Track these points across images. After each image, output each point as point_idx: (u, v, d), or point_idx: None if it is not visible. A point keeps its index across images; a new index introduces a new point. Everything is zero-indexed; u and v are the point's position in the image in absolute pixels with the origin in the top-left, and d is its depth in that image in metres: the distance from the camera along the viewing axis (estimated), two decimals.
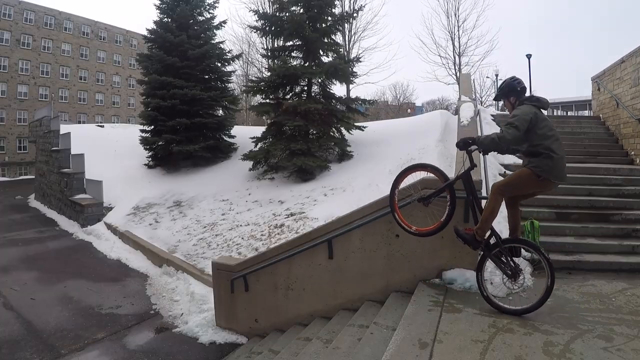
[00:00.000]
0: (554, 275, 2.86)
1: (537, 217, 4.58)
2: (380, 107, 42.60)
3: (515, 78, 3.28)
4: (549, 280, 2.85)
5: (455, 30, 21.33)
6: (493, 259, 3.11)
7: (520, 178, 3.08)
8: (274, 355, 3.85)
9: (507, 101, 3.29)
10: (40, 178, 16.78)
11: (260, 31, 12.39)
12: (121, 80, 42.07)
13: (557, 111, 31.66)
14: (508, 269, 3.05)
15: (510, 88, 3.23)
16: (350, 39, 20.41)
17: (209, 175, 12.36)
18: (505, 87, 3.27)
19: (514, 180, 3.12)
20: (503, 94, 3.30)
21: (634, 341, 2.48)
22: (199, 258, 7.56)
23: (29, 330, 5.29)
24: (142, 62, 14.42)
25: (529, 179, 3.00)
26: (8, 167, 32.58)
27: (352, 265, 4.00)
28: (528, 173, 2.99)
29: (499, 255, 3.09)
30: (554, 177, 2.96)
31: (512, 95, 3.22)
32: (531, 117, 2.92)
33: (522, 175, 3.06)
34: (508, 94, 3.26)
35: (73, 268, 7.95)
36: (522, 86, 3.22)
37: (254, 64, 24.00)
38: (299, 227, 7.31)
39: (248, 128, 18.14)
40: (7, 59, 32.75)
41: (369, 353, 2.76)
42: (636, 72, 6.92)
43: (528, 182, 3.02)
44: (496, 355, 2.33)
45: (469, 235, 3.16)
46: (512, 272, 3.05)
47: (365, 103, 12.07)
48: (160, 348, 4.88)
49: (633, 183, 5.50)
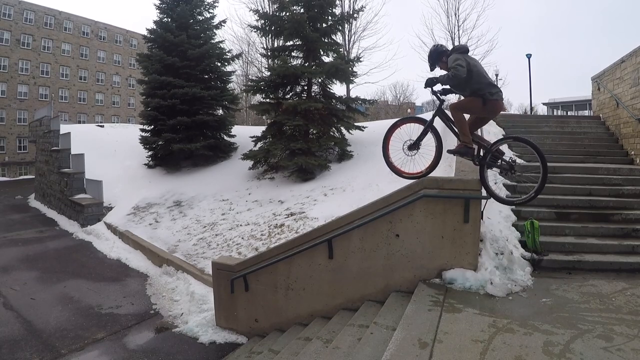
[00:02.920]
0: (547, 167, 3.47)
1: (537, 217, 4.60)
2: (380, 107, 42.60)
3: (435, 44, 3.99)
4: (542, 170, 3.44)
5: (455, 30, 21.36)
6: (489, 164, 3.75)
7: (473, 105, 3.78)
8: (274, 355, 3.84)
9: (442, 63, 3.84)
10: (40, 178, 16.78)
11: (260, 31, 12.39)
12: (121, 80, 42.07)
13: (557, 111, 31.66)
14: (503, 165, 3.75)
15: (437, 52, 3.85)
16: (350, 38, 20.42)
17: (209, 175, 12.36)
18: (433, 54, 3.87)
19: (464, 102, 3.84)
20: (435, 60, 3.87)
21: (634, 341, 2.48)
22: (199, 258, 7.56)
23: (29, 330, 5.28)
24: (142, 62, 14.41)
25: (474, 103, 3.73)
26: (8, 167, 32.59)
27: (352, 265, 4.00)
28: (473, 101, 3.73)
29: (492, 160, 3.74)
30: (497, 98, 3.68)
31: (442, 56, 3.82)
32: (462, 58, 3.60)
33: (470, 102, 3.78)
34: (439, 57, 3.84)
35: (73, 268, 7.95)
36: (444, 47, 3.91)
37: (254, 63, 24.00)
38: (299, 227, 7.31)
39: (248, 128, 18.14)
40: (7, 59, 32.76)
41: (369, 353, 2.76)
42: (636, 72, 6.92)
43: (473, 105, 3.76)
44: (496, 355, 2.33)
45: (461, 147, 3.82)
46: (508, 166, 3.73)
47: (365, 103, 12.07)
48: (160, 348, 4.88)
49: (633, 183, 5.49)
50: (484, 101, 3.66)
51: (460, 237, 3.52)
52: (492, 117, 4.03)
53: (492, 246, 3.73)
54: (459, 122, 3.81)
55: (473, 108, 3.80)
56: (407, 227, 3.68)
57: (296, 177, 10.26)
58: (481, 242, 3.67)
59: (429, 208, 3.59)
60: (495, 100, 3.68)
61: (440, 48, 3.88)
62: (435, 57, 3.85)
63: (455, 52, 3.75)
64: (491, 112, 3.84)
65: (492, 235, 3.85)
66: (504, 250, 3.72)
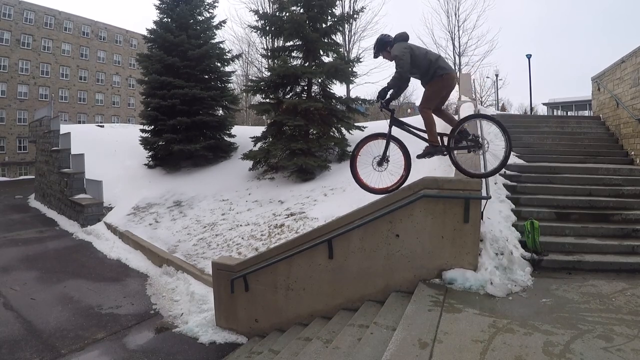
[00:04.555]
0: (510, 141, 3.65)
1: (537, 217, 4.60)
2: None
3: (381, 34, 4.05)
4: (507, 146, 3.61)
5: (455, 30, 21.35)
6: (456, 148, 3.87)
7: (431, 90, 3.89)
8: (274, 355, 3.84)
9: (386, 52, 3.96)
10: (40, 178, 16.78)
11: (260, 31, 12.38)
12: (121, 80, 42.07)
13: (557, 111, 31.69)
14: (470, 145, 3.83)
15: (382, 41, 3.95)
16: (350, 38, 20.41)
17: (209, 175, 12.37)
18: (378, 43, 3.98)
19: (428, 94, 3.90)
20: (379, 49, 3.98)
21: (634, 341, 2.48)
22: (199, 258, 7.56)
23: (29, 330, 5.28)
24: (142, 62, 14.42)
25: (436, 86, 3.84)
26: (8, 167, 32.59)
27: (352, 265, 4.00)
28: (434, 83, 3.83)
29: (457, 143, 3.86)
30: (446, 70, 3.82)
31: (387, 46, 3.92)
32: (406, 47, 3.73)
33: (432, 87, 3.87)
34: (384, 46, 3.95)
35: (73, 268, 7.95)
36: (389, 37, 3.97)
37: (254, 64, 23.99)
38: (299, 227, 7.31)
39: (248, 128, 18.15)
40: (7, 59, 32.77)
41: (369, 353, 2.76)
42: (636, 72, 6.92)
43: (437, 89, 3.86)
44: (496, 355, 2.33)
45: (429, 149, 3.96)
46: (474, 144, 3.83)
47: (365, 103, 12.07)
48: (160, 348, 4.88)
49: (633, 183, 5.49)
50: (440, 79, 3.81)
51: (460, 237, 3.52)
52: (449, 91, 4.05)
53: (492, 246, 3.73)
54: (428, 121, 3.90)
55: (437, 91, 3.89)
56: (407, 227, 3.68)
57: (296, 177, 10.26)
58: (481, 242, 3.67)
59: (429, 208, 3.59)
60: (447, 74, 3.82)
61: (385, 37, 3.99)
62: (380, 46, 3.97)
63: (397, 42, 3.86)
64: (447, 87, 3.93)
65: (492, 235, 3.85)
66: (504, 250, 3.72)
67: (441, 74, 3.80)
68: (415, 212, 3.63)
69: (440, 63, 3.83)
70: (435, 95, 3.90)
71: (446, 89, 3.94)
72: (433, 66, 3.77)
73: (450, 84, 3.92)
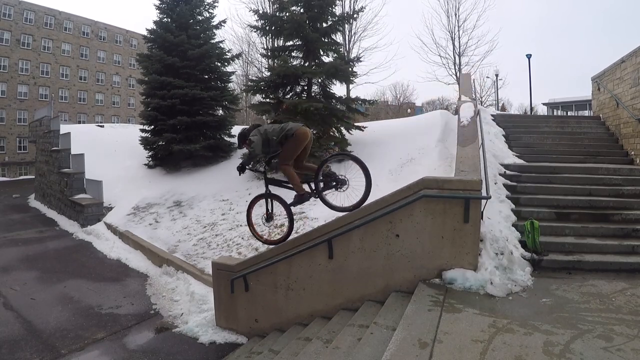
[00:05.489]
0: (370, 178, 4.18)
1: (537, 217, 4.60)
2: (380, 107, 42.58)
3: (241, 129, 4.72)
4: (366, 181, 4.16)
5: (455, 30, 21.34)
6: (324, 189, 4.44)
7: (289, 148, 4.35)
8: (274, 355, 3.84)
9: (245, 143, 4.59)
10: (40, 178, 16.78)
11: (260, 31, 12.38)
12: (121, 80, 42.07)
13: (557, 111, 31.69)
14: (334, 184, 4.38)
15: (242, 136, 4.61)
16: (351, 38, 20.39)
17: (209, 175, 12.36)
18: (240, 137, 4.65)
19: (285, 153, 4.37)
20: (240, 142, 4.67)
21: (634, 341, 2.48)
22: (199, 258, 7.56)
23: (29, 330, 5.28)
24: (142, 62, 14.41)
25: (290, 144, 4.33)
26: (8, 167, 32.58)
27: (352, 265, 4.00)
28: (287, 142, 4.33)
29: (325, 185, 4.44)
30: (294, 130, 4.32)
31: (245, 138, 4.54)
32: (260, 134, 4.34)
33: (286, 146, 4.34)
34: (244, 139, 4.60)
35: (73, 268, 7.95)
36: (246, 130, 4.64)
37: (254, 64, 23.95)
38: (299, 227, 7.31)
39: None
40: (7, 59, 32.75)
41: (369, 353, 2.76)
42: (636, 72, 6.92)
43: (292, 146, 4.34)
44: (496, 355, 2.33)
45: (298, 197, 4.49)
46: (337, 183, 4.36)
47: (365, 103, 12.05)
48: (160, 348, 4.88)
49: (633, 183, 5.49)
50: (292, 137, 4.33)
51: (460, 237, 3.52)
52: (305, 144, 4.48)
53: (492, 246, 3.73)
54: (289, 175, 4.44)
55: (292, 148, 4.38)
56: (407, 227, 3.68)
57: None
58: (481, 242, 3.67)
59: (429, 208, 3.59)
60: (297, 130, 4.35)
61: (244, 131, 4.68)
62: (241, 140, 4.68)
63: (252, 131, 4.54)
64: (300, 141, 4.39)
65: (492, 235, 3.85)
66: (504, 250, 3.72)
67: (292, 133, 4.31)
68: (415, 212, 3.63)
69: (288, 127, 4.38)
70: (292, 153, 4.38)
71: (301, 143, 4.37)
72: (283, 133, 4.34)
73: (302, 138, 4.35)
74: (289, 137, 4.34)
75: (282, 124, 4.48)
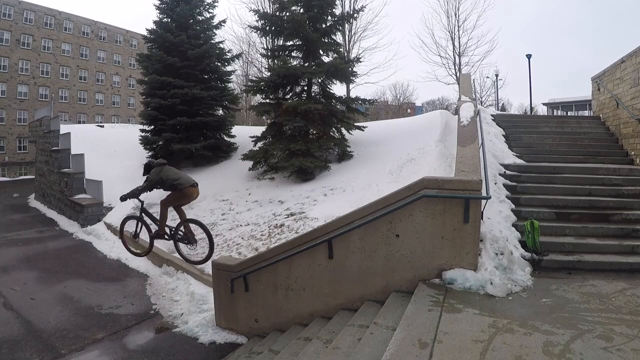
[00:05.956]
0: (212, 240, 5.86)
1: (537, 217, 4.60)
2: (380, 107, 42.60)
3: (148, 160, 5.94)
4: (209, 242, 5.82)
5: (455, 30, 21.32)
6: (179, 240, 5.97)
7: (174, 196, 5.68)
8: (274, 355, 3.84)
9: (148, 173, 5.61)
10: (40, 178, 16.78)
11: (260, 31, 12.37)
12: (121, 80, 42.07)
13: (557, 111, 31.67)
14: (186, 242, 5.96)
15: (148, 166, 5.69)
16: (351, 38, 20.39)
17: (208, 175, 12.35)
18: (146, 167, 5.71)
19: (170, 198, 5.69)
20: (145, 172, 5.66)
21: (634, 341, 2.48)
22: (199, 258, 7.54)
23: (29, 330, 5.28)
24: (142, 62, 14.40)
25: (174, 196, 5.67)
26: (8, 167, 32.59)
27: (352, 265, 4.00)
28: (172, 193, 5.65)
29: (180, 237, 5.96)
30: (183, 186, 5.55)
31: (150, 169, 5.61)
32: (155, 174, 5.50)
33: (172, 195, 5.67)
34: (149, 170, 5.61)
35: (73, 268, 7.94)
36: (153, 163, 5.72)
37: (254, 64, 23.96)
38: (299, 227, 7.30)
39: (248, 128, 18.13)
40: (7, 59, 32.76)
41: (369, 353, 2.76)
42: (636, 72, 6.92)
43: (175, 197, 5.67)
44: (496, 355, 2.33)
45: (156, 234, 5.92)
46: (188, 241, 5.95)
47: (365, 103, 12.06)
48: (160, 348, 4.88)
49: (633, 183, 5.49)
50: (179, 191, 5.56)
51: (460, 237, 3.52)
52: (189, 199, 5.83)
53: (492, 246, 3.73)
54: (162, 216, 5.78)
55: (175, 199, 5.69)
56: (407, 227, 3.68)
57: (296, 177, 10.26)
58: (481, 242, 3.67)
59: (429, 208, 3.59)
60: (185, 188, 5.54)
61: (150, 163, 5.73)
62: (146, 170, 5.68)
63: (155, 167, 5.60)
64: (185, 197, 5.70)
65: (492, 235, 3.85)
66: (504, 250, 3.72)
67: (180, 189, 5.50)
68: (415, 212, 3.63)
69: (181, 180, 5.52)
70: (174, 201, 5.73)
71: (185, 198, 5.70)
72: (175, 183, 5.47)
73: (188, 195, 5.63)
74: (177, 188, 5.45)
75: (180, 176, 5.58)
